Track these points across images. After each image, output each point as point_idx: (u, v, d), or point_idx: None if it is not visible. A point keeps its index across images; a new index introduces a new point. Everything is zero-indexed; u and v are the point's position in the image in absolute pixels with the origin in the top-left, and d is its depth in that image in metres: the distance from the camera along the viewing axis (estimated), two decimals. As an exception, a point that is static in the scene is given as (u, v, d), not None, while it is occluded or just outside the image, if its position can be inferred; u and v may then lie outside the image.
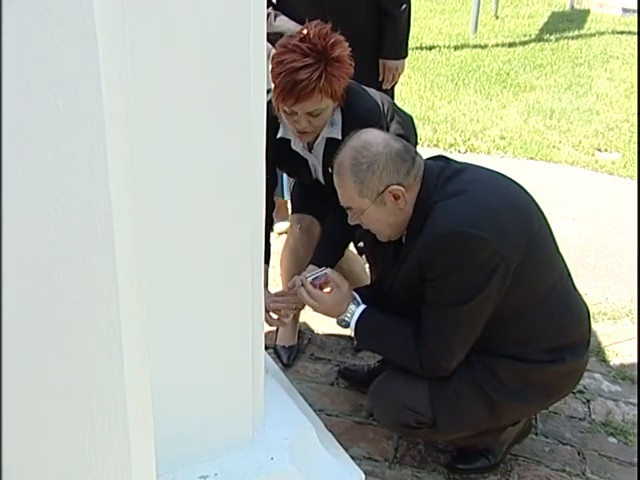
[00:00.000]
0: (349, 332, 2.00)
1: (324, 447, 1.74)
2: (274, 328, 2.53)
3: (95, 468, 1.16)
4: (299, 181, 2.51)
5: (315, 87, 1.91)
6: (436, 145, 4.61)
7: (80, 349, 1.06)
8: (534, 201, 1.88)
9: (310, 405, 2.01)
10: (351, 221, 1.85)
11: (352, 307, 1.90)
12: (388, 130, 2.23)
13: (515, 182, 1.89)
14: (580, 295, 1.96)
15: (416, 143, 2.51)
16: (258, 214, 1.41)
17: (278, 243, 2.76)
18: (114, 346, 1.07)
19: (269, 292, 2.16)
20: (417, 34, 7.35)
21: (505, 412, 1.88)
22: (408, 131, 2.40)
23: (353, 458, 1.84)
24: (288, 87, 1.90)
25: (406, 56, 2.99)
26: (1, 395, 1.07)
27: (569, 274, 1.95)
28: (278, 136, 2.15)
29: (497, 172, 1.92)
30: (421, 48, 6.93)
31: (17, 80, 0.88)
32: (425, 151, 4.37)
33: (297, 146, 2.20)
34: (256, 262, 1.44)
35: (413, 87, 5.71)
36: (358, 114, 2.09)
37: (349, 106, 2.10)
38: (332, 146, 2.13)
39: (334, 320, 1.96)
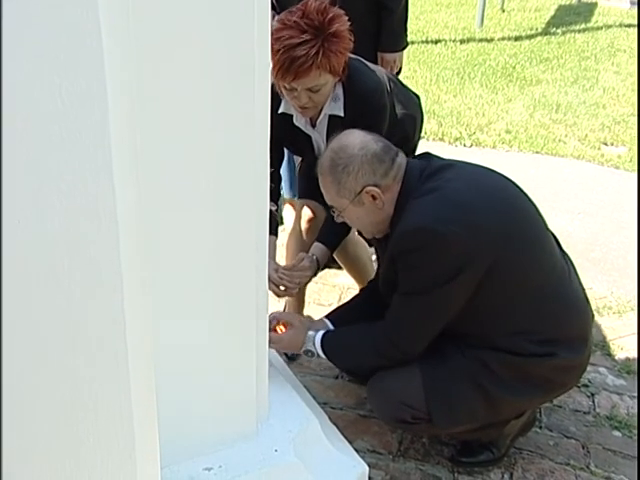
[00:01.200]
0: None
1: (328, 440, 1.74)
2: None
3: (100, 458, 1.16)
4: (303, 159, 2.50)
5: (313, 63, 1.90)
6: (441, 139, 4.60)
7: (84, 341, 1.07)
8: (525, 195, 1.88)
9: (314, 398, 2.01)
10: (336, 219, 1.92)
11: (311, 333, 1.94)
12: (393, 106, 2.23)
13: (504, 177, 1.90)
14: (582, 290, 1.95)
15: (422, 122, 2.49)
16: (262, 206, 1.41)
17: (284, 235, 2.76)
18: (118, 338, 1.08)
19: (277, 264, 2.18)
20: (423, 28, 7.33)
21: (503, 406, 1.87)
22: (413, 110, 2.38)
23: (357, 451, 1.84)
24: (286, 64, 1.90)
25: (404, 48, 2.99)
26: (5, 386, 1.08)
27: (574, 269, 1.94)
28: (280, 111, 2.14)
29: (483, 167, 1.93)
30: (427, 42, 6.91)
31: (20, 72, 0.88)
32: (430, 145, 4.43)
33: (299, 122, 2.20)
34: (260, 254, 1.44)
35: (419, 81, 5.70)
36: (360, 90, 2.09)
37: (351, 82, 2.10)
38: (335, 123, 2.15)
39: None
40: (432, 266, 1.72)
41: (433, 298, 1.75)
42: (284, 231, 3.12)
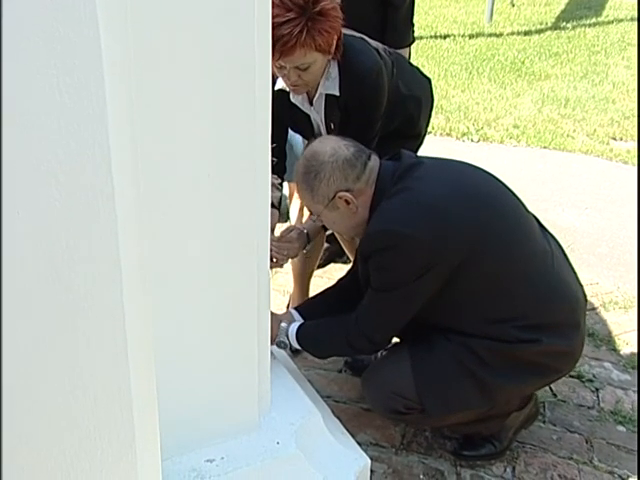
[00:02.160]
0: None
1: (330, 433, 1.75)
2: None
3: (101, 450, 1.17)
4: (306, 139, 2.50)
5: (297, 42, 1.90)
6: (449, 134, 4.60)
7: (84, 334, 1.08)
8: (500, 183, 1.90)
9: (318, 391, 2.03)
10: (317, 222, 2.00)
11: (283, 325, 1.98)
12: (398, 88, 2.24)
13: (476, 168, 1.93)
14: (573, 275, 1.94)
15: (432, 106, 2.49)
16: (263, 199, 1.42)
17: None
18: (118, 331, 1.08)
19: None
20: (432, 23, 7.31)
21: (496, 391, 1.87)
22: (419, 91, 2.38)
23: (360, 444, 1.85)
24: (271, 42, 1.91)
25: (410, 44, 2.99)
26: (5, 378, 1.09)
27: (563, 253, 1.95)
28: (277, 88, 2.15)
29: (455, 161, 1.96)
30: (436, 37, 6.89)
31: (17, 64, 0.89)
32: (438, 140, 4.42)
33: (296, 99, 2.21)
34: (261, 245, 1.45)
35: (427, 76, 5.68)
36: (355, 70, 2.09)
37: (346, 61, 2.10)
38: (332, 102, 2.15)
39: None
40: (399, 266, 1.76)
41: (400, 294, 1.80)
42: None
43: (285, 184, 2.58)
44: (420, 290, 1.79)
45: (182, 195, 1.30)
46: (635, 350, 2.56)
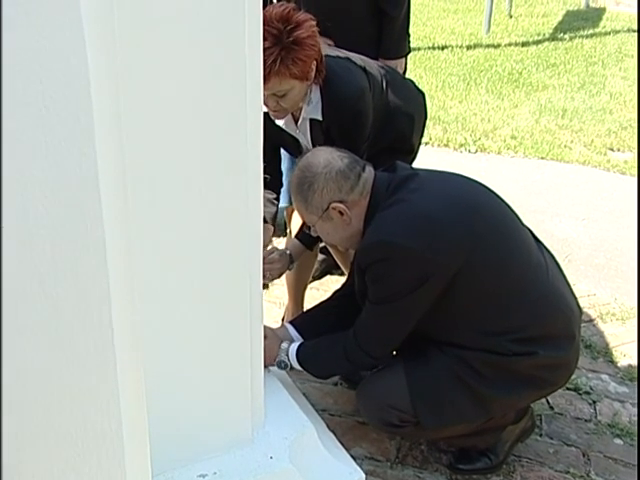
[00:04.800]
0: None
1: (324, 447, 1.74)
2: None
3: (89, 467, 1.16)
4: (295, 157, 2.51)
5: (270, 71, 1.91)
6: (446, 145, 4.59)
7: (72, 349, 1.07)
8: (494, 195, 1.90)
9: (313, 405, 2.02)
10: (312, 234, 2.00)
11: (284, 345, 1.97)
12: (388, 104, 2.24)
13: (471, 180, 1.92)
14: (567, 287, 1.94)
15: (425, 121, 2.49)
16: (255, 212, 1.41)
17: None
18: (107, 346, 1.08)
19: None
20: (430, 34, 7.32)
21: (491, 404, 1.87)
22: (412, 108, 2.38)
23: (355, 458, 1.84)
24: None
25: (406, 55, 2.99)
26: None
27: (556, 265, 1.94)
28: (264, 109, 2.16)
29: (449, 173, 1.97)
30: (433, 48, 6.90)
31: (2, 79, 0.89)
32: (435, 151, 4.42)
33: (281, 122, 2.21)
34: (254, 258, 1.44)
35: (424, 87, 5.67)
36: (335, 96, 2.10)
37: (327, 86, 2.10)
38: (316, 126, 2.16)
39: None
40: (395, 278, 1.76)
41: (398, 306, 1.79)
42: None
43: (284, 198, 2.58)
44: (417, 302, 1.78)
45: (172, 210, 1.29)
46: (632, 362, 2.55)
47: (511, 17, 8.31)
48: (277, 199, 2.38)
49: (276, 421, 1.69)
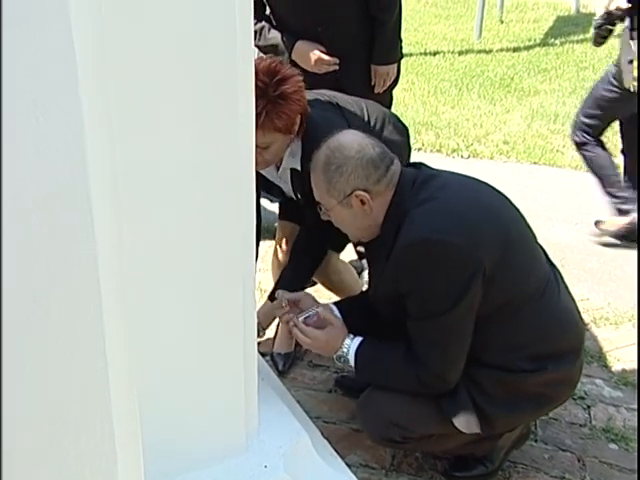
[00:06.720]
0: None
1: (319, 455, 1.73)
2: (272, 335, 2.55)
3: (82, 478, 1.15)
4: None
5: (255, 123, 1.90)
6: (439, 150, 4.60)
7: (63, 360, 1.06)
8: (511, 204, 1.87)
9: (307, 412, 2.01)
10: (323, 217, 1.89)
11: (347, 341, 1.88)
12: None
13: (489, 186, 1.89)
14: (573, 302, 1.93)
15: (409, 156, 2.49)
16: (248, 211, 1.41)
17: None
18: (98, 357, 1.07)
19: None
20: (421, 40, 7.34)
21: (496, 422, 1.85)
22: (395, 149, 2.35)
23: (350, 466, 1.83)
24: None
25: (398, 61, 2.98)
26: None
27: (562, 280, 1.93)
28: None
29: (467, 176, 1.92)
30: (425, 54, 6.92)
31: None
32: (428, 156, 4.41)
33: (263, 170, 2.19)
34: (247, 268, 1.44)
35: (416, 93, 5.71)
36: (311, 148, 2.03)
37: (308, 138, 2.09)
38: (297, 175, 2.16)
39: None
40: (443, 280, 1.69)
41: (460, 313, 1.71)
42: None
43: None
44: (469, 306, 1.70)
45: (164, 214, 1.28)
46: (626, 367, 2.55)
47: (502, 23, 8.34)
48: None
49: (270, 429, 1.68)
